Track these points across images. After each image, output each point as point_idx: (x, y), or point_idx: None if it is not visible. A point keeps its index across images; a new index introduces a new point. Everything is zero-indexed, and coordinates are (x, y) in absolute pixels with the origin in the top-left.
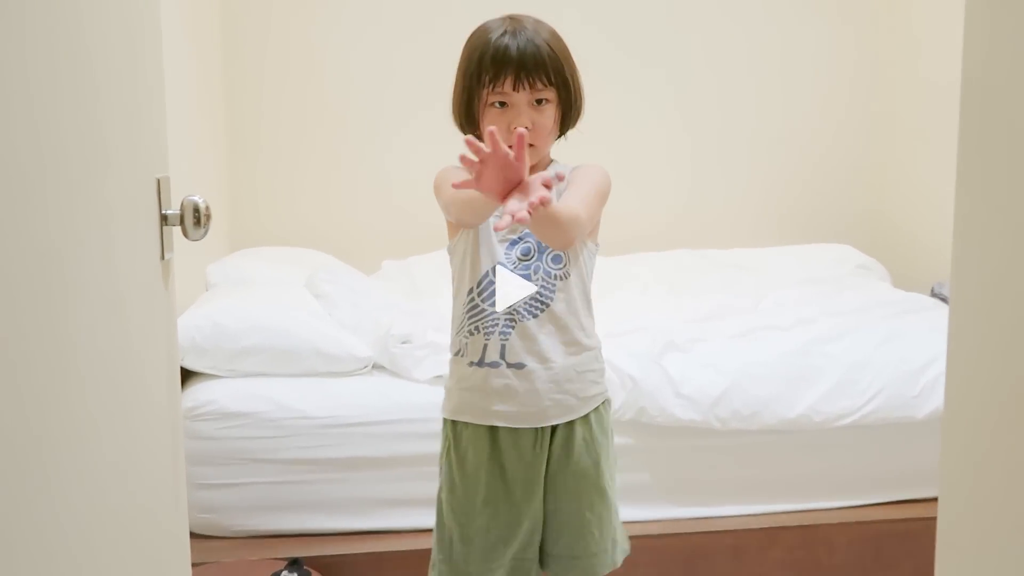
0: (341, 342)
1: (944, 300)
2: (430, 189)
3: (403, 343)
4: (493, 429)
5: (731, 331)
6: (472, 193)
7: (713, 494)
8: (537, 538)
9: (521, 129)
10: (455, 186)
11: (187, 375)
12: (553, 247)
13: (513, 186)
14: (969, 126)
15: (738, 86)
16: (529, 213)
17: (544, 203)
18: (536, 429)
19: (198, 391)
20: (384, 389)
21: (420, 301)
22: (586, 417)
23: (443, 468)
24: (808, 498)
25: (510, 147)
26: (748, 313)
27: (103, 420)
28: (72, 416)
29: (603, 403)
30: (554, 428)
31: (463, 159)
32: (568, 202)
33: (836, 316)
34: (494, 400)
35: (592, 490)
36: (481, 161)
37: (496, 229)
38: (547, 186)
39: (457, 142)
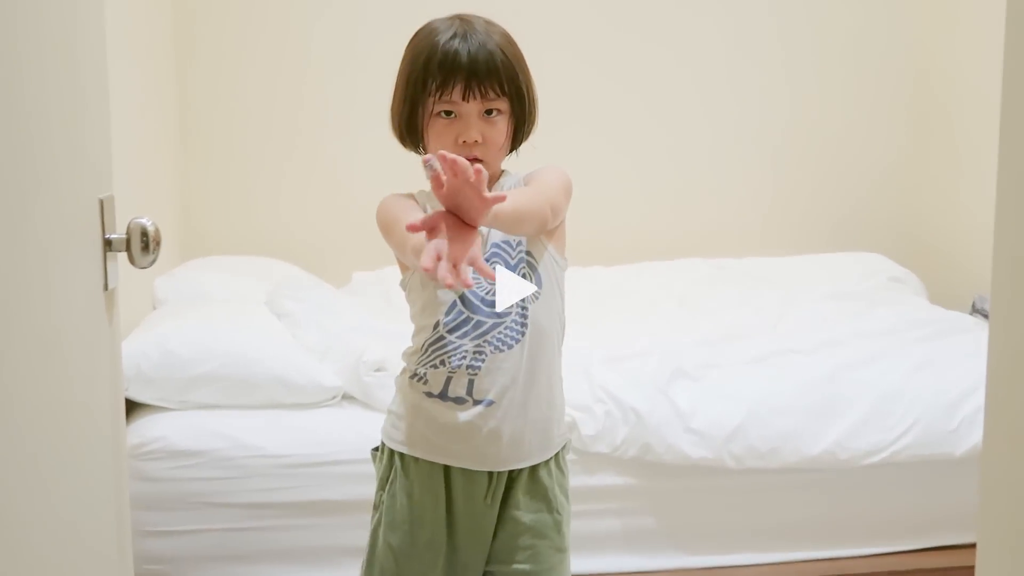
0: (306, 370)
1: (987, 316)
2: (406, 190)
3: (376, 371)
4: (446, 468)
5: (747, 355)
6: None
7: (727, 541)
8: None
9: (504, 192)
10: (411, 228)
11: (132, 407)
12: (526, 235)
13: (463, 212)
14: (1011, 122)
15: (757, 77)
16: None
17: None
18: (491, 474)
19: (144, 426)
20: (355, 423)
21: (396, 320)
22: (547, 464)
23: (383, 502)
24: (834, 545)
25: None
26: (767, 334)
27: (37, 464)
28: (3, 461)
29: (563, 447)
30: (510, 474)
31: (434, 178)
32: (526, 189)
33: (865, 338)
34: (452, 438)
35: (552, 553)
36: (452, 173)
37: (447, 286)
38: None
39: None
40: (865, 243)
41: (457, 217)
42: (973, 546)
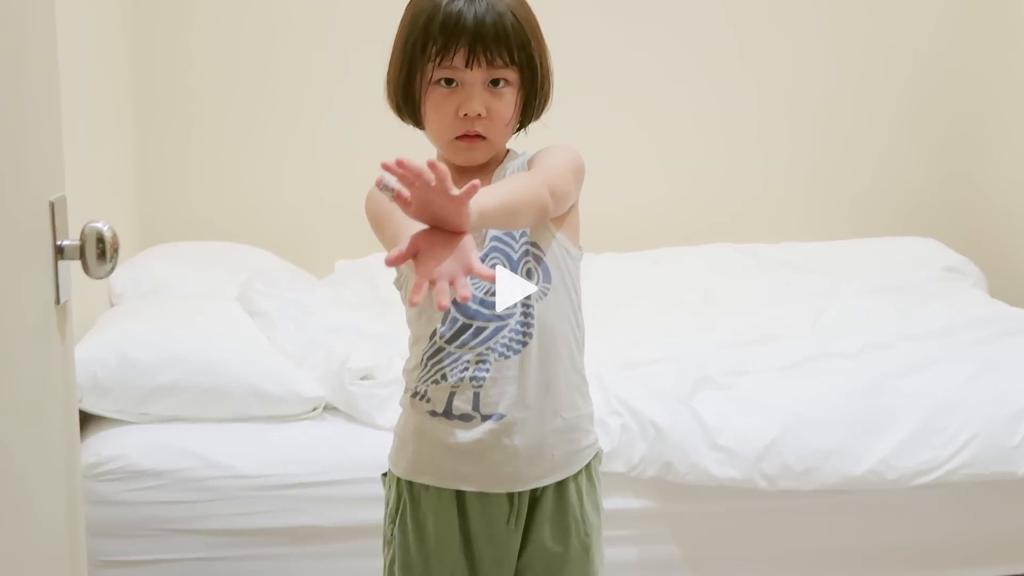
0: (283, 378)
1: None
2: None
3: (362, 379)
4: (459, 493)
5: (782, 360)
6: None
7: (758, 571)
8: None
9: (476, 181)
10: (389, 263)
11: (87, 420)
12: (525, 227)
13: (443, 222)
14: None
15: (797, 38)
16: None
17: (488, 277)
18: (511, 495)
19: (101, 442)
20: (338, 439)
21: (385, 318)
22: (576, 478)
23: (394, 537)
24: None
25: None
26: (804, 334)
27: None
28: None
29: (595, 457)
30: (533, 493)
31: (397, 197)
32: (520, 174)
33: (916, 340)
34: (462, 460)
35: None
36: (410, 184)
37: (440, 308)
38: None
39: None
40: (916, 227)
41: (442, 229)
42: None
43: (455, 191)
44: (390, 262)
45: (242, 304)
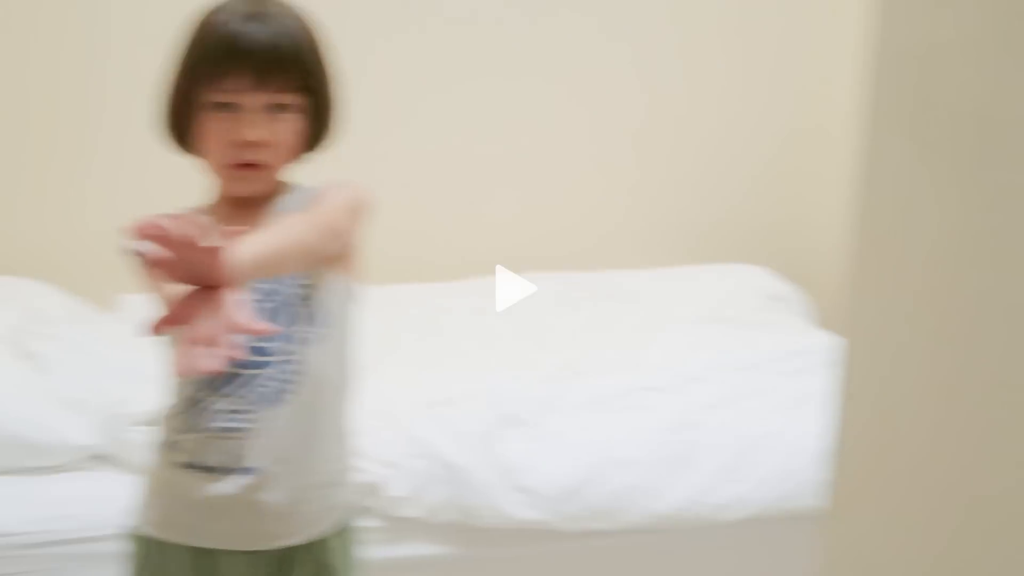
0: (50, 425)
1: None
2: (184, 202)
3: (138, 424)
4: (208, 551)
5: (594, 395)
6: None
7: None
8: None
9: (230, 228)
10: (153, 333)
11: None
12: (301, 271)
13: (203, 280)
14: (878, 115)
15: (620, 56)
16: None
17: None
18: (263, 553)
19: None
20: (110, 491)
21: None
22: (332, 536)
23: None
24: None
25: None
26: (621, 369)
27: None
28: None
29: (356, 514)
30: (289, 551)
31: (152, 264)
32: (293, 217)
33: (730, 372)
34: (212, 516)
35: None
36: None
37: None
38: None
39: None
40: (742, 252)
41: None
42: None
43: (206, 242)
44: (155, 331)
45: (12, 346)
